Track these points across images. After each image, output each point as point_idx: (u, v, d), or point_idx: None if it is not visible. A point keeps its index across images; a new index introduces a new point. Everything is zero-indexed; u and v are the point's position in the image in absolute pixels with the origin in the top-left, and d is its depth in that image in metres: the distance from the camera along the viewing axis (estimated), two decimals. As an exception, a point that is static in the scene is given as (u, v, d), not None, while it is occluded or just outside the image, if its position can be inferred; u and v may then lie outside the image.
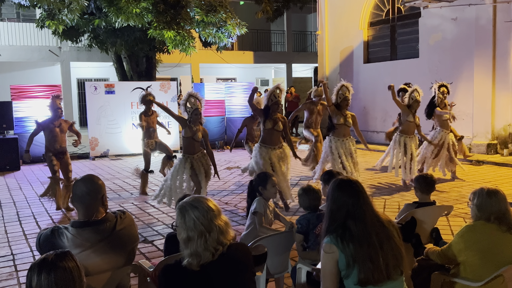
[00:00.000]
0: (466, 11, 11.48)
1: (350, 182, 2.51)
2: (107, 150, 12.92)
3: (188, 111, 6.08)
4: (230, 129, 14.44)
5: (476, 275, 2.86)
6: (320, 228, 3.38)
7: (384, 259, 2.34)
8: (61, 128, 7.01)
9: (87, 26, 13.90)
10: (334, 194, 2.49)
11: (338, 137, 7.12)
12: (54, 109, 6.98)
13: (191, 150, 6.23)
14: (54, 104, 6.98)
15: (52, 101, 7.01)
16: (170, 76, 21.36)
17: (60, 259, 1.93)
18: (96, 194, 2.62)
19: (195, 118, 6.11)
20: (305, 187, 3.73)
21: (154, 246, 5.24)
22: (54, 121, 6.97)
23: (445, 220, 5.72)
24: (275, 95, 6.49)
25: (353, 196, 2.44)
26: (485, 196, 2.94)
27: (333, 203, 2.48)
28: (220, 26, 13.94)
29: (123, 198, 7.79)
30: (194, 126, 6.16)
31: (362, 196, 2.46)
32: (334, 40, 16.04)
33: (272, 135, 6.55)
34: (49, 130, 6.92)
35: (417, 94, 7.94)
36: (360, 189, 2.48)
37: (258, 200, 4.14)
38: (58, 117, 7.01)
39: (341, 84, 7.23)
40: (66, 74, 19.66)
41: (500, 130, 11.18)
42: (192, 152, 6.23)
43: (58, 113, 6.99)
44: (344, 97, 7.10)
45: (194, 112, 6.08)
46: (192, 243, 2.19)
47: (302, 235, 3.51)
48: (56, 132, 6.93)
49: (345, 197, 2.45)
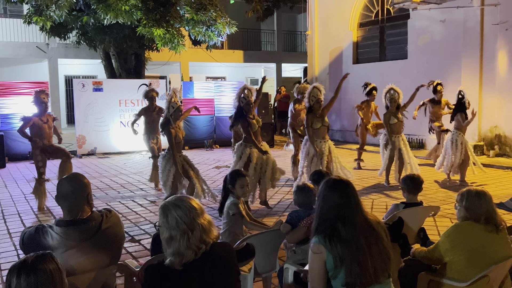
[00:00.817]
0: (454, 13, 11.58)
1: (342, 182, 2.50)
2: (95, 148, 12.81)
3: (172, 108, 6.12)
4: (219, 128, 14.41)
5: (462, 275, 2.87)
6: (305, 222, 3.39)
7: (372, 263, 2.34)
8: (49, 124, 6.93)
9: (76, 23, 13.76)
10: (325, 194, 2.48)
11: (318, 138, 7.04)
12: (39, 104, 6.84)
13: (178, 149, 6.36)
14: (39, 98, 6.83)
15: (36, 96, 6.85)
16: (159, 74, 21.22)
17: (40, 261, 1.89)
18: (81, 193, 2.58)
19: (177, 115, 6.20)
20: (301, 185, 3.75)
21: (141, 245, 5.20)
22: (41, 116, 6.86)
23: (432, 220, 5.75)
24: (244, 96, 6.51)
25: (344, 197, 2.43)
26: (474, 197, 2.97)
27: (324, 203, 2.46)
28: (210, 24, 13.90)
29: (111, 196, 7.73)
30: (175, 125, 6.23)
31: (353, 198, 2.45)
32: (324, 41, 16.08)
33: (256, 134, 6.61)
34: (38, 126, 6.81)
35: (394, 93, 7.95)
36: (351, 191, 2.47)
37: (232, 202, 4.10)
38: (44, 112, 6.90)
39: (312, 86, 7.14)
40: (54, 71, 19.46)
41: (487, 131, 11.29)
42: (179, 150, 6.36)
43: (43, 107, 6.85)
44: (317, 99, 6.98)
45: (178, 110, 6.16)
46: (174, 242, 2.19)
47: (289, 225, 3.50)
48: (44, 127, 6.84)
49: (336, 198, 2.43)
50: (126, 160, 11.88)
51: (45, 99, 6.90)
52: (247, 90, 6.58)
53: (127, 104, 13.16)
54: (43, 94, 6.93)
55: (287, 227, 3.49)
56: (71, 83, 15.89)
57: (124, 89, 13.21)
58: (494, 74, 11.00)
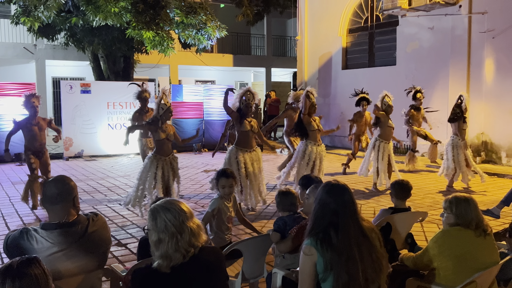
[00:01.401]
0: (442, 20, 11.71)
1: (341, 188, 2.47)
2: (82, 151, 12.69)
3: (161, 109, 6.07)
4: (208, 131, 14.38)
5: (449, 281, 2.88)
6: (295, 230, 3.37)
7: (363, 273, 2.33)
8: (40, 126, 6.88)
9: (64, 24, 13.65)
10: (322, 198, 2.46)
11: (314, 141, 7.16)
12: (30, 107, 6.80)
13: (165, 151, 6.24)
14: (29, 102, 6.80)
15: (26, 99, 6.82)
16: (148, 77, 21.13)
17: (26, 265, 1.85)
18: (67, 196, 2.55)
19: (167, 116, 6.15)
20: (283, 191, 3.74)
21: (128, 249, 5.14)
22: (32, 119, 6.82)
23: (420, 226, 5.78)
24: (245, 98, 6.51)
25: (341, 205, 2.41)
26: (464, 204, 2.99)
27: (320, 208, 2.45)
28: (200, 28, 13.87)
29: (97, 199, 7.65)
30: (164, 125, 6.17)
31: (350, 206, 2.42)
32: (313, 46, 16.14)
33: (248, 138, 6.60)
34: (28, 129, 6.77)
35: (389, 99, 8.06)
36: (349, 197, 2.44)
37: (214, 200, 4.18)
38: (35, 116, 6.85)
39: (306, 91, 7.24)
40: (41, 72, 19.27)
41: (474, 138, 11.40)
42: (165, 153, 6.23)
43: (33, 111, 6.81)
44: (311, 103, 7.09)
45: (168, 111, 6.09)
46: (163, 245, 2.19)
47: (278, 234, 3.48)
48: (35, 131, 6.79)
49: (332, 204, 2.41)
50: (114, 163, 11.78)
51: (35, 102, 6.84)
52: (250, 93, 6.55)
53: (115, 107, 13.07)
54: (34, 98, 6.87)
55: (276, 236, 3.46)
56: (58, 84, 15.73)
57: (113, 91, 13.12)
58: (481, 82, 11.13)
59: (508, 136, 10.77)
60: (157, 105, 6.17)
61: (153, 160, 6.20)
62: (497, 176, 9.66)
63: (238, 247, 3.31)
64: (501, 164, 10.88)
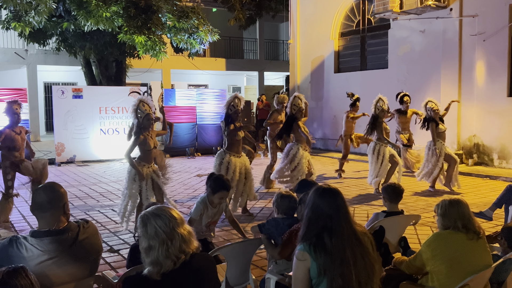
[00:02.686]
0: (433, 24, 11.78)
1: (332, 192, 2.46)
2: (74, 156, 12.61)
3: (140, 117, 5.81)
4: (201, 136, 14.35)
5: (443, 284, 2.88)
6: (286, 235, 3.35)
7: (356, 277, 2.32)
8: (22, 136, 6.50)
9: (55, 29, 13.60)
10: (314, 202, 2.45)
11: (301, 144, 7.40)
12: (11, 114, 6.42)
13: (149, 159, 5.99)
14: (11, 109, 6.42)
15: (8, 106, 6.45)
16: (141, 82, 21.07)
17: (12, 276, 1.81)
18: (57, 203, 2.52)
19: (146, 123, 5.85)
20: (283, 193, 3.72)
21: (120, 255, 5.10)
22: (13, 127, 6.44)
23: (413, 229, 5.78)
24: (234, 104, 6.60)
25: (333, 208, 2.40)
26: (448, 205, 3.03)
27: (312, 212, 2.43)
28: (192, 32, 13.87)
29: (89, 205, 7.59)
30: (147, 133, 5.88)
31: (342, 209, 2.41)
32: (306, 49, 16.18)
33: (239, 144, 6.75)
34: (10, 138, 6.36)
35: (383, 103, 8.10)
36: (341, 201, 2.43)
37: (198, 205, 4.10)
38: (17, 123, 6.49)
39: (294, 96, 7.44)
40: (33, 78, 19.15)
41: (466, 140, 11.47)
42: (149, 161, 5.99)
43: (15, 118, 6.43)
44: (299, 108, 7.32)
45: (146, 118, 5.82)
46: (153, 251, 2.18)
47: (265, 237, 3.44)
48: (17, 140, 6.41)
49: (325, 208, 2.40)
50: (106, 168, 11.72)
51: (17, 109, 6.46)
52: (237, 99, 6.66)
53: (107, 112, 13.01)
54: (16, 105, 6.49)
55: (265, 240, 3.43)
56: (50, 90, 15.68)
57: (105, 96, 13.07)
58: (473, 84, 11.20)
59: (499, 138, 10.83)
60: (134, 113, 5.82)
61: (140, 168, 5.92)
62: (489, 178, 9.71)
63: (221, 252, 3.26)
64: (493, 166, 10.94)
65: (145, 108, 5.82)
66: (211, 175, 4.29)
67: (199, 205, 4.12)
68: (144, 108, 5.82)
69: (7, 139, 6.38)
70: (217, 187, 4.09)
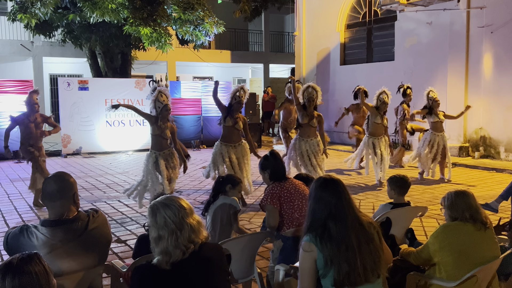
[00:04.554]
0: (441, 15, 11.69)
1: (333, 181, 2.51)
2: (80, 148, 12.66)
3: (158, 108, 6.07)
4: (207, 128, 14.35)
5: (450, 275, 2.88)
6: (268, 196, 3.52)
7: (361, 262, 2.34)
8: (36, 123, 6.90)
9: (61, 21, 13.59)
10: (317, 193, 2.49)
11: (302, 137, 7.36)
12: (31, 105, 6.85)
13: (159, 147, 6.30)
14: (31, 99, 6.84)
15: (29, 96, 6.88)
16: (146, 74, 21.09)
17: (26, 263, 1.82)
18: (67, 192, 2.53)
19: (165, 114, 6.15)
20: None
21: (127, 245, 5.14)
22: (29, 116, 6.84)
23: (419, 221, 5.78)
24: (238, 95, 6.73)
25: (336, 196, 2.44)
26: (454, 196, 3.03)
27: (316, 203, 2.47)
28: (198, 24, 13.82)
29: (96, 196, 7.63)
30: (162, 123, 6.18)
31: (345, 196, 2.46)
32: (311, 42, 16.11)
33: (232, 133, 6.85)
34: (24, 125, 6.79)
35: (385, 96, 8.07)
36: (342, 189, 2.48)
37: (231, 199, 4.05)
38: (34, 112, 6.88)
39: (307, 85, 7.42)
40: (38, 70, 19.20)
41: (472, 133, 11.42)
42: (159, 149, 6.29)
43: (35, 108, 6.86)
44: (309, 97, 7.24)
45: (164, 108, 6.11)
46: (162, 241, 2.19)
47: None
48: (31, 127, 6.82)
49: (328, 197, 2.44)
50: (112, 160, 11.77)
51: (37, 99, 6.92)
52: (243, 91, 6.80)
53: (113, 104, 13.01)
54: (36, 94, 6.94)
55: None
56: (56, 81, 15.70)
57: (110, 88, 13.09)
58: (480, 77, 11.13)
59: (506, 131, 10.78)
60: (153, 103, 6.15)
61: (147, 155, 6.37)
62: (495, 171, 9.67)
63: (226, 246, 3.27)
64: (499, 159, 10.90)
65: (163, 99, 6.05)
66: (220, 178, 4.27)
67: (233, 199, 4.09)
68: (162, 99, 6.04)
69: (22, 126, 6.81)
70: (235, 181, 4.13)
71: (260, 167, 3.88)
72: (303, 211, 3.53)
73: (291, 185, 3.68)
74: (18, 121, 6.82)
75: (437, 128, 8.39)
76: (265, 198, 3.62)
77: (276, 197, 3.59)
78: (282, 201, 3.59)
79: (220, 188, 4.10)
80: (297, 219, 3.55)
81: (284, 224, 3.60)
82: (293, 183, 3.73)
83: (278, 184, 3.67)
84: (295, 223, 3.55)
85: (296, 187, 3.68)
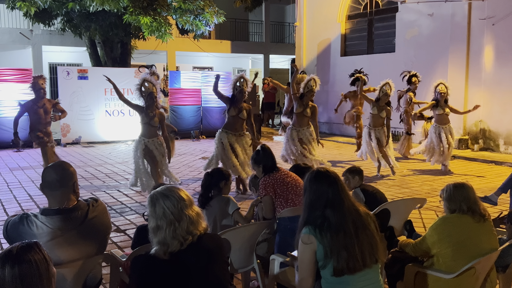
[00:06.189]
0: (442, 7, 11.62)
1: (326, 172, 2.56)
2: (79, 137, 12.65)
3: (144, 96, 6.15)
4: (206, 118, 14.32)
5: (449, 267, 2.89)
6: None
7: (359, 247, 2.38)
8: (45, 108, 6.93)
9: (61, 9, 13.50)
10: (312, 185, 2.52)
11: (295, 126, 7.54)
12: (37, 90, 6.86)
13: (148, 134, 6.48)
14: (37, 84, 6.85)
15: (34, 81, 6.89)
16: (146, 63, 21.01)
17: (26, 251, 1.82)
18: (67, 181, 2.53)
19: (150, 102, 6.22)
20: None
21: (127, 235, 5.15)
22: (37, 102, 6.86)
23: (418, 213, 5.80)
24: (239, 84, 6.78)
25: (331, 185, 2.48)
26: (452, 188, 3.05)
27: (312, 194, 2.49)
28: (198, 13, 13.75)
29: (95, 186, 7.64)
30: (150, 111, 6.27)
31: (339, 184, 2.50)
32: (312, 32, 16.04)
33: (236, 122, 6.90)
34: (33, 111, 6.82)
35: (388, 88, 8.05)
36: (336, 178, 2.52)
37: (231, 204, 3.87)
38: (42, 98, 6.90)
39: (311, 77, 7.58)
40: (38, 58, 19.12)
41: (472, 126, 11.41)
42: (149, 136, 6.47)
43: (41, 93, 6.88)
44: (310, 89, 7.43)
45: (149, 96, 6.17)
46: (160, 232, 2.20)
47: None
48: (40, 113, 6.84)
49: (323, 187, 2.48)
50: (111, 150, 11.76)
51: (43, 84, 6.91)
52: (243, 80, 6.83)
53: (112, 93, 12.95)
54: (41, 79, 6.95)
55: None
56: (55, 70, 15.62)
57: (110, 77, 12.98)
58: (480, 69, 11.10)
59: (506, 123, 10.77)
60: (138, 91, 6.19)
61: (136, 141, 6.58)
62: (494, 164, 9.68)
63: (226, 236, 3.27)
64: (498, 151, 10.90)
65: (148, 86, 6.08)
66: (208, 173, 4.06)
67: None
68: (147, 87, 6.08)
69: (31, 112, 6.85)
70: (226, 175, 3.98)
71: (253, 161, 4.03)
72: (297, 191, 3.72)
73: (283, 174, 3.90)
74: (27, 107, 6.84)
75: (442, 121, 8.39)
76: (261, 191, 3.78)
77: (269, 186, 3.77)
78: (276, 187, 3.77)
79: (211, 185, 3.91)
80: (292, 200, 3.71)
81: (279, 205, 3.72)
82: (284, 171, 3.94)
83: (270, 174, 3.87)
84: (290, 203, 3.70)
85: (287, 174, 3.90)
